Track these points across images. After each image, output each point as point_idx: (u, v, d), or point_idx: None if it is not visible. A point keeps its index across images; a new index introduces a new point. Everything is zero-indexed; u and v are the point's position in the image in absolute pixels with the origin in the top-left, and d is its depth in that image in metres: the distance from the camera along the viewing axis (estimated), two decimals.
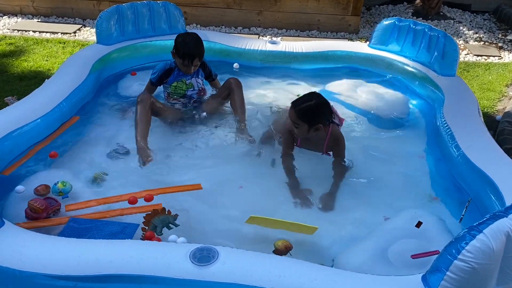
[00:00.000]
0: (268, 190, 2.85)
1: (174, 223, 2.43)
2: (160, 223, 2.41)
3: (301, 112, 2.75)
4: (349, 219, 2.63)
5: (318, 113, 2.77)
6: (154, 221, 2.40)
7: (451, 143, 2.95)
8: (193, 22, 6.18)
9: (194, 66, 3.33)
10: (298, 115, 2.76)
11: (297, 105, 2.77)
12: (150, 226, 2.38)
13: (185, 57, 3.26)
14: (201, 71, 3.53)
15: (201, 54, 3.33)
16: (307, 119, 2.76)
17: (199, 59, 3.32)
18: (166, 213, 2.45)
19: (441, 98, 3.54)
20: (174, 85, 3.45)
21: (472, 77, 5.03)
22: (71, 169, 2.84)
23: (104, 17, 3.95)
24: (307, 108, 2.74)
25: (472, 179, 2.68)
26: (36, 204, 2.31)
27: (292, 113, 2.78)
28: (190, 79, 3.46)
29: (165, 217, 2.44)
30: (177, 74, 3.43)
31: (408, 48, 4.10)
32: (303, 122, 2.77)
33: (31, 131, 2.90)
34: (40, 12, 6.25)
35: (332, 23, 6.15)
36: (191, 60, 3.28)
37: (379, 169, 3.08)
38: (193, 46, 3.28)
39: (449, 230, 2.44)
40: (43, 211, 2.32)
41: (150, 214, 2.42)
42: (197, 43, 3.31)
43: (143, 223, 2.39)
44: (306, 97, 2.82)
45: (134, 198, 2.54)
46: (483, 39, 6.12)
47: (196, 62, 3.31)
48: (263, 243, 2.33)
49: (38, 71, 4.72)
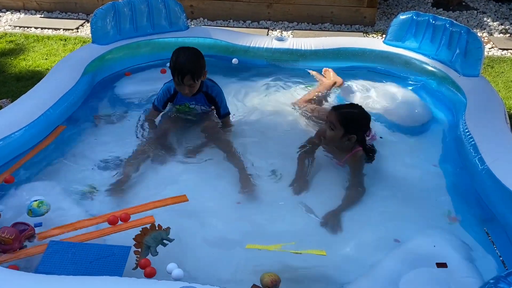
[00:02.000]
0: (267, 206, 2.62)
1: (168, 238, 2.19)
2: (153, 242, 2.17)
3: (342, 115, 2.73)
4: (358, 240, 2.40)
5: (358, 124, 2.77)
6: (146, 241, 2.15)
7: (474, 155, 2.63)
8: (200, 16, 5.91)
9: (187, 86, 2.92)
10: (338, 118, 2.72)
11: (340, 108, 2.80)
12: (143, 248, 2.13)
13: (174, 72, 2.90)
14: (208, 102, 3.14)
15: (194, 72, 2.86)
16: (345, 124, 2.72)
17: (192, 77, 2.87)
18: (157, 229, 2.19)
19: (463, 101, 3.21)
20: (177, 106, 3.19)
21: (497, 74, 4.66)
22: (56, 182, 2.64)
23: (99, 15, 3.72)
24: (350, 114, 2.75)
25: (498, 198, 2.39)
26: (4, 234, 2.03)
27: (332, 114, 2.75)
28: (195, 105, 3.14)
29: (157, 233, 2.18)
30: (180, 97, 3.11)
31: (427, 45, 3.76)
32: (340, 126, 2.72)
33: (14, 142, 2.69)
34: (43, 7, 6.07)
35: (346, 15, 5.80)
36: (181, 77, 2.87)
37: (391, 181, 2.83)
38: (185, 60, 2.85)
39: (471, 258, 2.17)
40: (14, 241, 2.05)
41: (140, 234, 2.16)
42: (192, 58, 2.88)
43: (134, 245, 2.14)
44: (350, 105, 2.90)
45: (114, 218, 2.31)
46: (509, 31, 5.70)
47: (189, 81, 2.88)
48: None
49: (36, 71, 4.53)
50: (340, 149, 2.88)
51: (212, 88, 3.11)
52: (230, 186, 2.73)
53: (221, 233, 2.41)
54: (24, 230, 2.15)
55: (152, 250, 2.14)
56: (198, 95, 3.10)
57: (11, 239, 2.04)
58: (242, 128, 3.27)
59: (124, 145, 3.01)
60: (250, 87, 3.82)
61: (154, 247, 2.16)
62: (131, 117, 3.33)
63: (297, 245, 2.26)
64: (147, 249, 2.14)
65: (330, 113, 2.77)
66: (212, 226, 2.45)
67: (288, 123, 3.35)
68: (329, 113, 2.78)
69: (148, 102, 3.43)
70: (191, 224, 2.44)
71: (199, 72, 2.92)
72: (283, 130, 3.29)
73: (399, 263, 2.15)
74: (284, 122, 3.37)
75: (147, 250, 2.14)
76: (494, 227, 2.39)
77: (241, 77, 3.95)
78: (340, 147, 2.86)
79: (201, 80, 3.00)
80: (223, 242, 2.36)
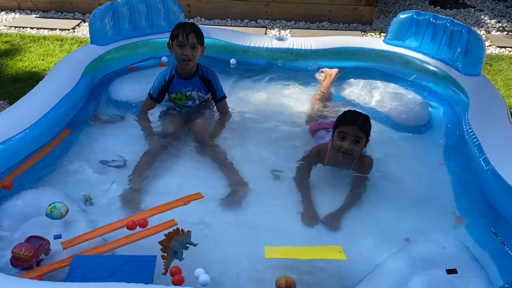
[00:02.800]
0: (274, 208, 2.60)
1: (191, 242, 2.15)
2: (179, 247, 2.11)
3: (363, 125, 2.63)
4: (366, 241, 2.39)
5: (371, 125, 2.70)
6: (173, 245, 2.09)
7: (478, 155, 2.63)
8: (197, 15, 5.88)
9: (190, 46, 2.99)
10: (362, 129, 2.62)
11: (355, 120, 2.63)
12: (170, 253, 2.07)
13: (179, 31, 2.99)
14: (204, 87, 3.18)
15: (198, 33, 3.04)
16: (368, 132, 2.67)
17: (196, 37, 3.01)
18: (180, 233, 2.14)
19: (465, 101, 3.20)
20: (174, 95, 3.19)
21: (496, 72, 4.66)
22: (61, 188, 2.59)
23: (97, 16, 3.67)
24: (365, 120, 2.67)
25: (504, 198, 2.38)
26: (22, 252, 1.97)
27: (353, 129, 2.61)
28: (191, 91, 3.16)
29: (182, 238, 2.13)
30: (176, 82, 3.13)
31: (428, 44, 3.75)
32: (365, 135, 2.65)
33: (14, 146, 2.64)
34: (38, 7, 6.00)
35: (344, 14, 5.79)
36: (186, 35, 2.97)
37: (396, 182, 2.80)
38: (188, 23, 3.06)
39: (478, 258, 2.16)
40: (31, 257, 2.00)
41: (166, 239, 2.10)
42: (193, 24, 3.09)
43: (161, 249, 2.08)
44: (355, 111, 2.73)
45: (133, 223, 2.26)
46: (506, 29, 5.72)
47: (193, 39, 2.99)
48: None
49: (33, 72, 4.48)
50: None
51: (207, 71, 3.20)
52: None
53: (231, 236, 2.39)
54: (40, 245, 2.09)
55: (179, 255, 2.10)
56: (194, 78, 3.15)
57: (30, 256, 1.99)
58: (242, 127, 3.26)
59: (126, 146, 2.99)
60: (249, 86, 3.80)
61: (181, 251, 2.12)
62: (131, 117, 3.29)
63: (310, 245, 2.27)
64: (174, 254, 2.09)
65: (350, 129, 2.60)
66: (222, 229, 2.43)
67: (290, 124, 3.33)
68: (349, 129, 2.60)
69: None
70: (203, 228, 2.41)
71: (202, 36, 3.08)
72: (285, 130, 3.27)
73: (408, 264, 2.14)
74: (284, 122, 3.35)
75: (174, 255, 2.09)
76: (501, 226, 2.38)
77: (240, 76, 3.92)
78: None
79: (200, 50, 3.09)
80: (236, 245, 2.34)
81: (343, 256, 2.18)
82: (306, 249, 2.24)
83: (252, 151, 3.05)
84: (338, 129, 2.65)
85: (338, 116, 2.72)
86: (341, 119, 2.67)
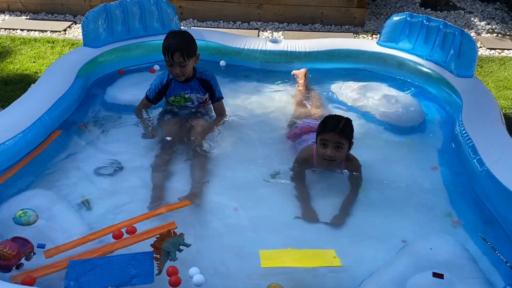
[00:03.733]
0: (268, 210, 2.61)
1: (185, 243, 2.16)
2: (172, 247, 2.12)
3: (344, 130, 2.64)
4: (364, 244, 2.39)
5: (353, 129, 2.72)
6: (165, 247, 2.09)
7: (473, 156, 2.65)
8: (190, 17, 5.86)
9: (178, 65, 2.93)
10: (342, 135, 2.64)
11: (335, 126, 2.64)
12: (163, 254, 2.07)
13: (165, 51, 2.93)
14: (202, 88, 3.17)
15: (184, 49, 2.91)
16: (350, 136, 2.69)
17: (182, 55, 2.91)
18: (172, 235, 2.15)
19: (458, 102, 3.24)
20: (172, 99, 3.19)
21: (487, 73, 4.72)
22: (53, 191, 2.56)
23: (91, 18, 3.64)
24: (347, 124, 2.68)
25: (498, 200, 2.40)
26: (6, 250, 1.93)
27: (334, 136, 2.63)
28: (190, 93, 3.15)
29: (175, 239, 2.14)
30: (174, 86, 3.12)
31: (421, 46, 3.78)
32: (346, 141, 2.67)
33: (8, 150, 2.62)
34: (28, 9, 5.95)
35: (336, 16, 5.82)
36: (171, 54, 2.90)
37: (391, 184, 2.80)
38: (175, 39, 2.93)
39: (475, 259, 2.18)
40: (14, 257, 1.95)
41: (157, 241, 2.11)
42: (182, 37, 2.97)
43: (154, 251, 2.08)
44: (335, 116, 2.76)
45: (119, 232, 2.24)
46: (496, 31, 5.79)
47: (179, 59, 2.91)
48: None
49: (25, 74, 4.43)
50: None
51: (205, 73, 3.18)
52: (227, 191, 2.70)
53: (226, 239, 2.39)
54: (25, 245, 2.05)
55: (172, 256, 2.10)
56: (192, 81, 3.13)
57: (12, 255, 1.95)
58: (236, 129, 3.27)
59: (121, 149, 2.98)
60: (242, 89, 3.80)
61: (174, 252, 2.12)
62: (124, 121, 3.27)
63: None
64: (167, 255, 2.10)
65: (330, 136, 2.62)
66: (215, 232, 2.42)
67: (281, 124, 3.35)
68: (330, 136, 2.62)
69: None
70: (195, 231, 2.40)
71: (189, 51, 2.96)
72: (278, 131, 3.28)
73: (406, 266, 2.14)
74: (277, 123, 3.36)
75: (167, 256, 2.10)
76: (495, 228, 2.40)
77: (233, 79, 3.92)
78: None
79: (192, 62, 3.04)
80: (229, 247, 2.33)
81: (339, 263, 2.17)
82: (301, 253, 2.22)
83: (247, 153, 3.05)
84: (320, 136, 2.67)
85: (320, 122, 2.74)
86: (322, 126, 2.69)
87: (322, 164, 2.79)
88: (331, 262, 2.19)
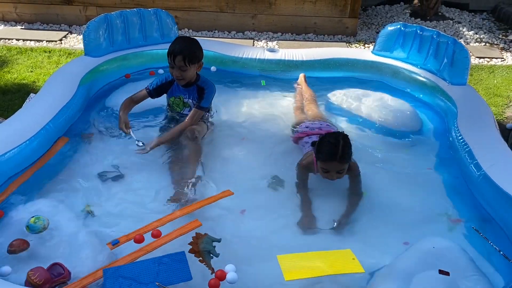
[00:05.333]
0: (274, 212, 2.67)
1: (215, 239, 2.24)
2: (209, 246, 2.18)
3: (343, 158, 2.61)
4: (366, 247, 2.44)
5: (350, 145, 2.68)
6: (204, 247, 2.15)
7: (470, 161, 2.75)
8: (185, 27, 5.93)
9: (179, 68, 2.99)
10: (343, 161, 2.62)
11: (335, 154, 2.59)
12: (204, 254, 2.13)
13: (168, 53, 3.00)
14: (197, 95, 3.20)
15: (186, 54, 2.97)
16: (350, 158, 2.68)
17: (183, 59, 2.97)
18: (201, 236, 2.23)
19: (453, 109, 3.34)
20: (172, 100, 3.24)
21: (476, 81, 4.85)
22: (59, 200, 2.58)
23: (92, 27, 3.69)
24: (345, 145, 2.63)
25: (496, 203, 2.50)
26: (34, 277, 1.93)
27: (335, 165, 2.62)
28: (188, 99, 3.21)
29: (206, 238, 2.21)
30: (175, 88, 3.19)
31: (415, 55, 3.90)
32: (347, 164, 2.67)
33: (13, 159, 2.65)
34: (23, 19, 5.95)
35: (329, 26, 5.93)
36: (172, 57, 2.97)
37: (390, 188, 2.89)
38: (179, 43, 3.01)
39: (476, 258, 2.27)
40: (41, 286, 1.94)
41: (194, 244, 2.17)
42: (186, 43, 3.05)
43: (195, 256, 2.14)
44: (332, 139, 2.64)
45: (140, 236, 2.30)
46: (484, 40, 5.96)
47: (180, 62, 2.97)
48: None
49: (23, 84, 4.44)
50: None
51: (206, 82, 3.22)
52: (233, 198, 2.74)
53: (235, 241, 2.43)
54: (59, 274, 2.03)
55: (213, 253, 2.16)
56: (192, 87, 3.19)
57: (39, 283, 1.94)
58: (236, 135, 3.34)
59: (122, 157, 3.02)
60: (241, 96, 3.87)
61: (213, 249, 2.18)
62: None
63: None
64: (208, 254, 2.15)
65: (331, 165, 2.61)
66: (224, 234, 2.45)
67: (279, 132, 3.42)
68: (330, 165, 2.62)
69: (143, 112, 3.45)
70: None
71: (192, 57, 3.01)
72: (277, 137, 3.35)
73: (408, 267, 2.21)
74: (274, 130, 3.44)
75: (209, 255, 2.15)
76: (493, 228, 2.49)
77: (232, 87, 4.00)
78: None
79: (194, 68, 3.08)
80: (240, 250, 2.38)
81: (361, 268, 2.18)
82: (320, 257, 2.24)
83: (251, 157, 3.13)
84: (320, 164, 2.68)
85: (317, 146, 2.70)
86: (321, 155, 2.65)
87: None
88: (352, 268, 2.20)
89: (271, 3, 5.79)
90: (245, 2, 5.79)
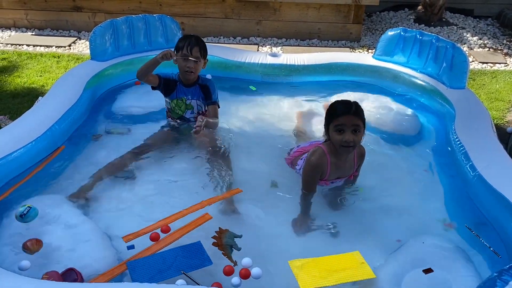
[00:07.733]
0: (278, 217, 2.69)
1: (236, 234, 2.35)
2: (231, 240, 2.29)
3: (358, 110, 2.50)
4: (360, 246, 2.44)
5: (363, 110, 2.58)
6: (226, 242, 2.28)
7: (465, 162, 2.79)
8: (191, 33, 5.98)
9: (194, 58, 3.08)
10: (358, 116, 2.49)
11: (349, 108, 2.48)
12: (227, 249, 2.26)
13: (184, 45, 3.09)
14: (202, 94, 3.29)
15: (202, 47, 3.13)
16: (364, 116, 2.54)
17: (200, 51, 3.11)
18: (223, 231, 2.35)
19: (451, 112, 3.38)
20: (175, 102, 3.30)
21: (479, 86, 4.88)
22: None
23: (98, 33, 3.79)
24: (359, 105, 2.54)
25: (489, 203, 2.53)
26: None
27: (350, 118, 2.46)
28: (191, 99, 3.28)
29: (228, 233, 2.34)
30: (178, 89, 3.25)
31: (415, 59, 3.95)
32: (362, 122, 2.51)
33: (19, 158, 2.74)
34: (34, 25, 6.11)
35: (333, 32, 6.00)
36: (190, 48, 3.07)
37: (387, 189, 2.93)
38: (193, 37, 3.16)
39: (469, 259, 2.30)
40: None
41: (218, 239, 2.29)
42: (196, 36, 3.21)
43: (219, 249, 2.26)
44: (343, 100, 2.59)
45: (155, 234, 2.41)
46: (488, 45, 5.98)
47: (197, 53, 3.09)
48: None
49: (32, 88, 4.57)
50: (348, 159, 2.69)
51: (206, 79, 3.34)
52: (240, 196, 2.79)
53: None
54: (73, 279, 2.05)
55: (235, 247, 2.28)
56: (194, 86, 3.26)
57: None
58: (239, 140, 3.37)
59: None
60: (243, 101, 3.94)
61: (235, 244, 2.30)
62: (135, 130, 3.40)
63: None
64: (230, 248, 2.27)
65: (346, 119, 2.46)
66: None
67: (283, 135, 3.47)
68: (345, 119, 2.46)
69: (147, 117, 3.54)
70: None
71: (205, 49, 3.19)
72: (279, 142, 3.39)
73: (401, 265, 2.26)
74: (277, 135, 3.48)
75: (231, 249, 2.27)
76: (487, 229, 2.52)
77: (234, 91, 4.06)
78: (348, 156, 2.67)
79: (203, 63, 3.20)
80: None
81: (372, 274, 2.20)
82: (330, 262, 2.26)
83: (251, 164, 3.15)
84: (334, 122, 2.50)
85: (328, 109, 2.59)
86: (333, 111, 2.53)
87: (335, 168, 2.67)
88: (362, 274, 2.21)
89: (275, 9, 5.88)
90: (250, 9, 5.89)
